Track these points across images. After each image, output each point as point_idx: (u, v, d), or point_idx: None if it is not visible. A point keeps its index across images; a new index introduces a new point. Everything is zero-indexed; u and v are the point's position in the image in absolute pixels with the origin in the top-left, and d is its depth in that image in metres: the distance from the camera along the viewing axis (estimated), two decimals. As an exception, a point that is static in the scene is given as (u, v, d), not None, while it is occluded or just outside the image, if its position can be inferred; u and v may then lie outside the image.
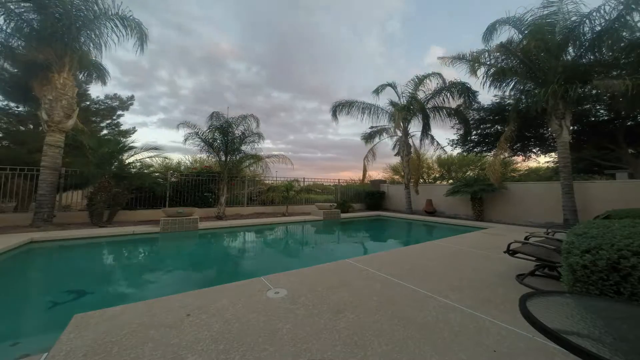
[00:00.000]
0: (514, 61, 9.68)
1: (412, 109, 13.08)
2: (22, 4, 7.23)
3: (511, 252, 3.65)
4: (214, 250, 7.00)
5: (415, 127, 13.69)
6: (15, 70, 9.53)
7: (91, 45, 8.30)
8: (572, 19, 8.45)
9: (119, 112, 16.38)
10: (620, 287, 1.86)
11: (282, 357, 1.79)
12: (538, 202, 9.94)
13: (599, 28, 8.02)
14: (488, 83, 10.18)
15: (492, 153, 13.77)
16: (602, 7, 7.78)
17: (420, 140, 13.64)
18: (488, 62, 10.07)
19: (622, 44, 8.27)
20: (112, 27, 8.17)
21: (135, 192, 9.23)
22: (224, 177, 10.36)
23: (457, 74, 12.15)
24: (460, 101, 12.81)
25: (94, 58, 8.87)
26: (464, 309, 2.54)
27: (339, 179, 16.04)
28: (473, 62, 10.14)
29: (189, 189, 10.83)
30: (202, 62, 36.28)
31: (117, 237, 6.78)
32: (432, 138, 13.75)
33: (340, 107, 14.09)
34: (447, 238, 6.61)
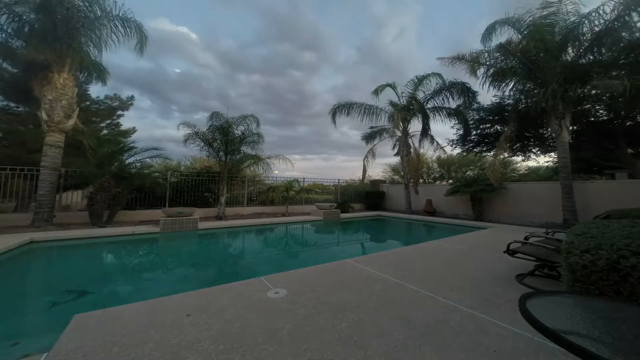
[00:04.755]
0: (514, 61, 9.69)
1: (411, 109, 13.09)
2: (25, 4, 7.22)
3: (511, 252, 3.65)
4: (214, 250, 7.00)
5: (415, 127, 13.71)
6: (15, 71, 9.52)
7: (92, 45, 8.30)
8: (572, 19, 8.46)
9: (119, 112, 16.39)
10: (620, 287, 1.86)
11: (282, 357, 1.79)
12: (538, 202, 9.94)
13: (598, 28, 8.03)
14: (487, 83, 10.19)
15: (491, 153, 13.78)
16: (602, 7, 7.79)
17: (420, 140, 13.65)
18: (487, 63, 10.08)
19: (621, 44, 8.28)
20: (112, 28, 8.15)
21: (135, 192, 9.23)
22: (224, 177, 10.36)
23: (457, 74, 12.09)
24: (460, 101, 12.82)
25: (94, 58, 8.87)
26: (464, 309, 2.54)
27: (338, 179, 16.06)
28: (472, 62, 10.14)
29: (189, 189, 10.83)
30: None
31: (117, 237, 6.78)
32: (432, 138, 13.75)
33: (340, 109, 14.08)
34: (447, 238, 6.61)
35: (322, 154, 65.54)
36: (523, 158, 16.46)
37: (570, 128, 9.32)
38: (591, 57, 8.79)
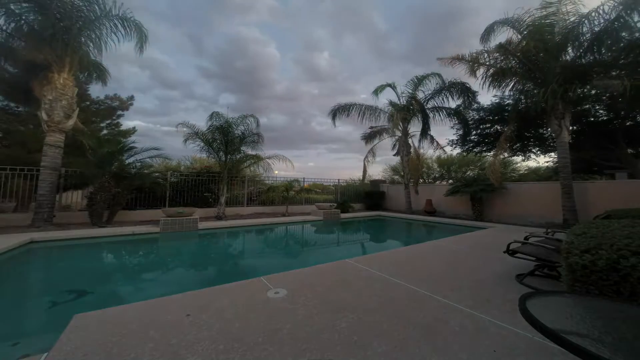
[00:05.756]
0: (513, 61, 9.68)
1: (411, 109, 13.09)
2: (23, 4, 7.22)
3: (511, 252, 3.65)
4: (214, 250, 7.00)
5: (415, 127, 13.71)
6: (16, 70, 9.53)
7: (91, 45, 8.29)
8: (571, 19, 8.45)
9: (119, 112, 16.41)
10: (620, 287, 1.86)
11: (282, 357, 1.79)
12: (538, 202, 9.94)
13: (598, 28, 8.03)
14: (487, 83, 10.19)
15: (491, 153, 13.78)
16: (601, 7, 7.79)
17: (420, 140, 13.66)
18: (487, 63, 10.08)
19: (621, 44, 8.27)
20: (111, 28, 8.15)
21: (135, 192, 9.23)
22: (223, 177, 10.36)
23: (456, 74, 12.11)
24: (459, 101, 12.83)
25: (94, 58, 8.87)
26: (463, 309, 2.54)
27: (338, 179, 16.06)
28: (472, 62, 10.14)
29: (189, 189, 10.83)
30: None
31: (117, 237, 6.77)
32: (432, 138, 13.77)
33: (340, 110, 14.11)
34: (447, 238, 6.61)
35: (309, 150, 63.75)
36: (523, 158, 16.49)
37: (570, 128, 9.31)
38: (591, 57, 8.77)
